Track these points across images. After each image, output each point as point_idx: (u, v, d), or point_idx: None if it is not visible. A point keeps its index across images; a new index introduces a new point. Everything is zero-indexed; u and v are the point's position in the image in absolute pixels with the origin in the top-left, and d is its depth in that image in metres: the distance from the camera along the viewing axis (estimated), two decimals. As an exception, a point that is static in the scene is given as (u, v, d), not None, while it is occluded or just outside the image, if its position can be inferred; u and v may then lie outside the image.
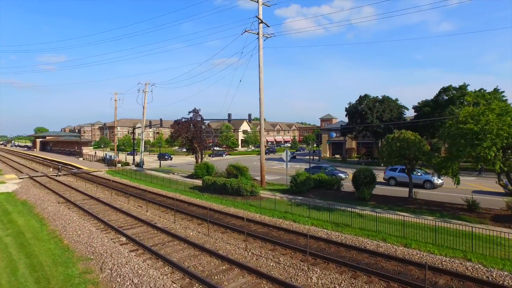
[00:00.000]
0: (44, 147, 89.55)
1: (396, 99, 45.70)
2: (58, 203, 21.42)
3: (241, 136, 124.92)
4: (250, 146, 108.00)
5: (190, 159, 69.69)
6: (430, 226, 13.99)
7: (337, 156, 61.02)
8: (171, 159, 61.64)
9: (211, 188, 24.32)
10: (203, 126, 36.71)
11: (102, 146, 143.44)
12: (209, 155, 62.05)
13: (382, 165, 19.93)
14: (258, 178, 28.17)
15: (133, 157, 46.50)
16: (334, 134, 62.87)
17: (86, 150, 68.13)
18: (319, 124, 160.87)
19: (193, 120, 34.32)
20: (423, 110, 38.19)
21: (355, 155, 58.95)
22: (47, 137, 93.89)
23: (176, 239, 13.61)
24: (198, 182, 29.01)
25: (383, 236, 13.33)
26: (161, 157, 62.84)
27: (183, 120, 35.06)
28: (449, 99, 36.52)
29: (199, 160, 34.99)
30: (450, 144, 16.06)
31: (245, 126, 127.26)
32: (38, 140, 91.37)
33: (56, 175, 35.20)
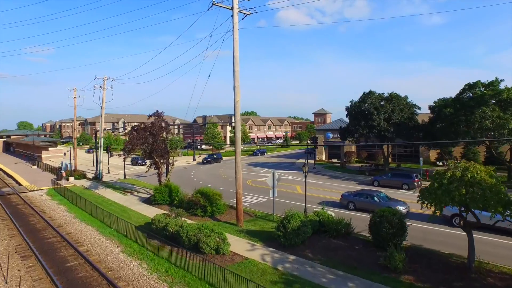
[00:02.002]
0: (8, 147, 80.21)
1: (406, 97, 38.29)
2: None
3: (230, 133, 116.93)
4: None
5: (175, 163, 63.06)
6: None
7: (335, 161, 53.65)
8: (145, 164, 53.45)
9: (162, 233, 16.56)
10: (169, 134, 28.68)
11: (81, 144, 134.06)
12: (203, 161, 54.40)
13: (426, 206, 12.64)
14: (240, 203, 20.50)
15: (96, 166, 38.20)
16: (331, 135, 55.45)
17: (50, 153, 59.41)
18: (312, 119, 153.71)
19: (154, 126, 26.32)
20: (443, 111, 30.86)
21: (355, 159, 51.75)
22: (11, 137, 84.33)
23: None
24: (156, 211, 21.32)
25: None
26: (135, 161, 54.82)
27: (143, 125, 27.06)
28: (476, 98, 29.22)
29: (162, 178, 27.09)
30: None
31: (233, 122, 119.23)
32: (1, 140, 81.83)
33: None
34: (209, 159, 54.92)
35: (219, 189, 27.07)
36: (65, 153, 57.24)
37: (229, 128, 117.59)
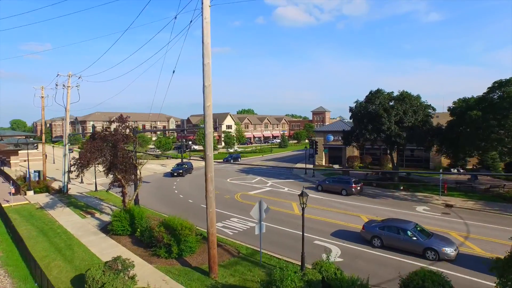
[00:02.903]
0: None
1: (418, 96, 33.10)
2: None
3: (225, 132, 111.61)
4: (235, 144, 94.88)
5: (160, 168, 55.34)
6: None
7: (336, 167, 48.55)
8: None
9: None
10: (134, 145, 23.40)
11: (70, 144, 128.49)
12: (173, 173, 42.00)
13: None
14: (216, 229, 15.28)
15: (63, 177, 32.77)
16: (332, 137, 50.39)
17: (22, 158, 53.89)
18: (310, 117, 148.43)
19: (115, 135, 21.06)
20: (468, 114, 25.71)
21: (358, 164, 46.70)
22: (-11, 138, 78.54)
23: None
24: (110, 246, 16.22)
25: None
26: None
27: (104, 133, 21.83)
28: (510, 98, 24.09)
29: (127, 199, 21.87)
30: None
31: (229, 121, 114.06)
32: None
33: None
34: (180, 171, 42.37)
35: (201, 206, 21.97)
36: (46, 156, 51.68)
37: (223, 128, 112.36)
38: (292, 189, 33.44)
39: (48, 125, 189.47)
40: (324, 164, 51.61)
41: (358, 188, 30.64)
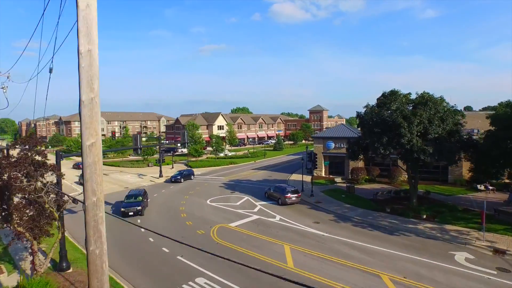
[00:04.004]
0: None
1: (442, 98, 26.07)
2: None
3: (216, 134, 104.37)
4: (226, 147, 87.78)
5: (135, 180, 40.19)
6: None
7: (338, 180, 41.60)
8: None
9: None
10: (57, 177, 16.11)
11: (50, 146, 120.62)
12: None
13: None
14: None
15: None
16: (333, 145, 43.50)
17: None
18: (307, 115, 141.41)
19: (15, 166, 13.83)
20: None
21: (364, 177, 39.85)
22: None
23: None
24: None
25: None
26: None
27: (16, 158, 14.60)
28: None
29: (38, 262, 14.66)
30: None
31: (220, 121, 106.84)
32: None
33: None
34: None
35: (164, 250, 14.77)
36: None
37: (215, 128, 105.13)
38: (285, 217, 26.49)
39: (32, 125, 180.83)
40: (324, 175, 44.76)
41: (294, 198, 29.96)
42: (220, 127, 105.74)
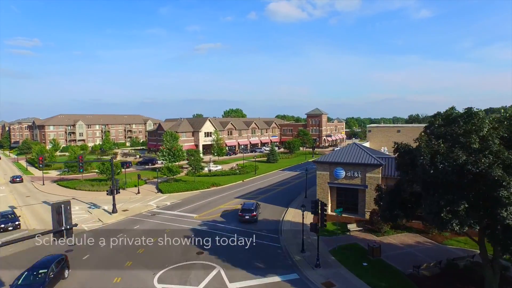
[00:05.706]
0: None
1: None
2: None
3: (202, 141, 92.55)
4: (211, 159, 76.15)
5: (74, 218, 30.35)
6: None
7: (352, 227, 29.84)
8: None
9: None
10: None
11: (23, 153, 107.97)
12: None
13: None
14: None
15: None
16: (343, 173, 32.02)
17: None
18: (303, 118, 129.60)
19: None
20: None
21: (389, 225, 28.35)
22: None
23: None
24: None
25: None
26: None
27: None
28: None
29: None
30: None
31: (208, 128, 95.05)
32: None
33: None
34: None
35: None
36: None
37: (201, 135, 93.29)
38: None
39: (6, 128, 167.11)
40: (330, 211, 33.27)
41: None
42: (208, 134, 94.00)
